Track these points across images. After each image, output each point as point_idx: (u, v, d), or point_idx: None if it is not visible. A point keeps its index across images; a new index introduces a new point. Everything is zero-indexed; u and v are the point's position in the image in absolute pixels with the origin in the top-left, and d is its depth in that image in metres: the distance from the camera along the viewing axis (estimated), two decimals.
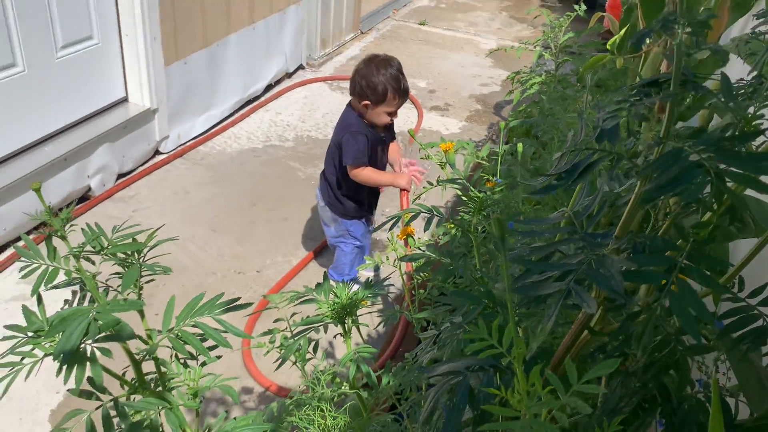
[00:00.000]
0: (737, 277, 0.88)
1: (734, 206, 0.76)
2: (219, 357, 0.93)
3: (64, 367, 0.75)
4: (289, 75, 4.72)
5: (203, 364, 0.97)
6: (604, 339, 0.96)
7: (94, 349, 0.78)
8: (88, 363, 0.76)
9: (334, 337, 1.25)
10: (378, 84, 2.27)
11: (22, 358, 0.82)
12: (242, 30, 3.95)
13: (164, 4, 3.19)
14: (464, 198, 1.26)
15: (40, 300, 0.85)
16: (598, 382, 0.97)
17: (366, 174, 2.39)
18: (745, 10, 1.43)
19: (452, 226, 1.69)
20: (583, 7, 3.76)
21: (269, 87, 4.48)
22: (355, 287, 1.18)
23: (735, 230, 0.99)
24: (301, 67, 4.87)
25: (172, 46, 3.35)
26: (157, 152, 3.54)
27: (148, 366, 0.95)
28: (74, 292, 0.94)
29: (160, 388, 0.96)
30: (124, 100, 3.31)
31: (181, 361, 0.97)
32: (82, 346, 0.76)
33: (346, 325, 1.14)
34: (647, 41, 1.22)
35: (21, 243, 0.89)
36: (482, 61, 5.41)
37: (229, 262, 2.85)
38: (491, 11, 7.02)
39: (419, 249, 1.40)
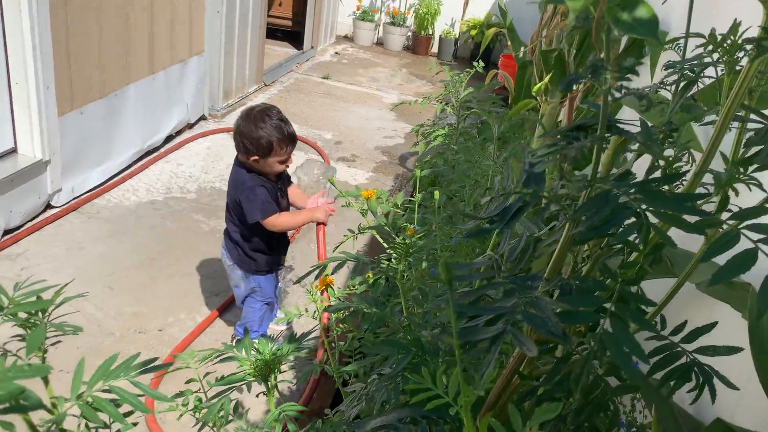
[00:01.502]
0: (659, 315, 0.91)
1: (657, 247, 0.79)
2: (135, 424, 0.85)
3: None
4: (190, 126, 4.61)
5: None
6: (533, 383, 0.96)
7: None
8: None
9: (257, 396, 1.19)
10: (261, 138, 2.20)
11: None
12: (142, 80, 3.84)
13: (59, 52, 3.05)
14: (386, 245, 1.25)
15: None
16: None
17: (282, 220, 2.32)
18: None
19: (370, 275, 1.67)
20: (482, 63, 3.96)
21: (170, 138, 4.35)
22: (279, 342, 1.13)
23: (649, 269, 1.03)
24: (203, 118, 4.78)
25: (67, 95, 3.19)
26: (48, 206, 3.32)
27: None
28: None
29: None
30: (13, 151, 3.10)
31: (93, 431, 0.88)
32: None
33: (269, 383, 1.08)
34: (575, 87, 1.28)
35: None
36: (386, 114, 5.53)
37: (128, 321, 2.68)
38: (391, 68, 7.24)
39: (338, 299, 1.37)
